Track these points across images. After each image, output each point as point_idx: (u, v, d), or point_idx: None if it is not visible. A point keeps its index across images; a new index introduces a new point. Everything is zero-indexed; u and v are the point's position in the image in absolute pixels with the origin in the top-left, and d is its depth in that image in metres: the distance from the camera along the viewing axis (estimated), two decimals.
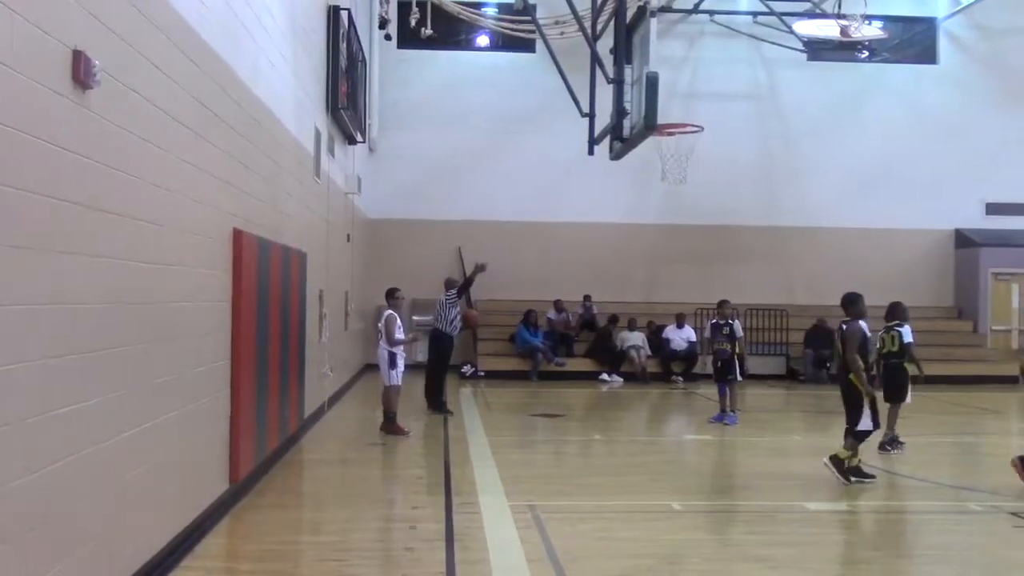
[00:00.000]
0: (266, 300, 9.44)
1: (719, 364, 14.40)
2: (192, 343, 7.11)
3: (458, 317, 14.89)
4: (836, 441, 10.16)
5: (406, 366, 13.05)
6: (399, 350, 12.87)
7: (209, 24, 7.50)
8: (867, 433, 9.90)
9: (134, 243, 5.79)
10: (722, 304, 14.81)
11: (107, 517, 5.42)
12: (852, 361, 9.79)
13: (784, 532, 8.00)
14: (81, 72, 4.86)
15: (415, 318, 20.51)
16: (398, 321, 12.96)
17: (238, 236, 8.36)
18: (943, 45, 24.42)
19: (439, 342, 14.86)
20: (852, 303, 10.15)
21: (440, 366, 14.92)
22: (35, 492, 4.50)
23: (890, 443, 11.49)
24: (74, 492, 4.95)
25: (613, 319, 21.86)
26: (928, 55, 24.51)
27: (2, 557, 4.21)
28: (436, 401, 14.82)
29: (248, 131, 9.02)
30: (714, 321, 14.69)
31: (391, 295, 13.32)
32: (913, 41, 24.33)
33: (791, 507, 8.84)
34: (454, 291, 14.85)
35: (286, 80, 11.27)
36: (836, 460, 9.77)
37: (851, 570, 7.30)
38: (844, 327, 10.00)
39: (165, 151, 6.36)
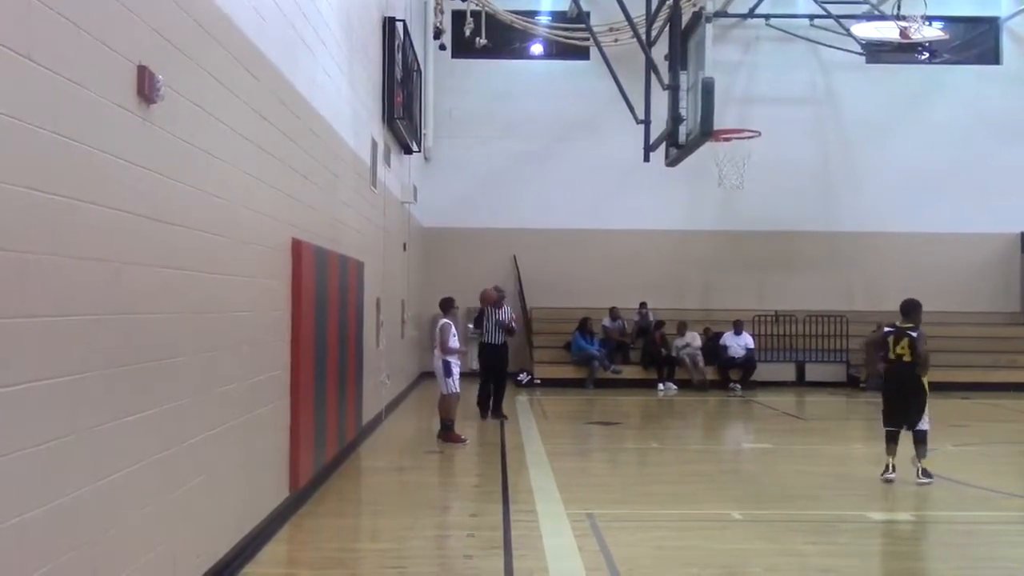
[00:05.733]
0: (324, 309, 9.54)
1: None
2: (252, 352, 7.20)
3: (498, 325, 15.05)
4: (900, 450, 10.00)
5: (461, 374, 13.15)
6: (453, 359, 12.95)
7: (268, 38, 7.62)
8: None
9: (195, 253, 5.88)
10: None
11: (171, 524, 5.50)
12: (927, 361, 9.96)
13: (846, 542, 7.87)
14: (146, 87, 4.96)
15: (470, 326, 20.57)
16: (452, 330, 13.04)
17: (297, 246, 8.47)
18: (1006, 45, 23.94)
19: (482, 350, 15.43)
20: (918, 308, 10.26)
21: (487, 374, 15.19)
22: (102, 499, 4.59)
23: None
24: (139, 499, 5.04)
25: (659, 324, 21.50)
26: (991, 56, 24.05)
27: (71, 564, 4.30)
28: (482, 409, 15.04)
29: (306, 142, 9.14)
30: None
31: (448, 305, 13.42)
32: (975, 42, 23.88)
33: (853, 517, 8.70)
34: (499, 306, 15.15)
35: (343, 91, 11.40)
36: (927, 472, 9.89)
37: None
38: (916, 332, 10.02)
39: (226, 163, 6.46)
